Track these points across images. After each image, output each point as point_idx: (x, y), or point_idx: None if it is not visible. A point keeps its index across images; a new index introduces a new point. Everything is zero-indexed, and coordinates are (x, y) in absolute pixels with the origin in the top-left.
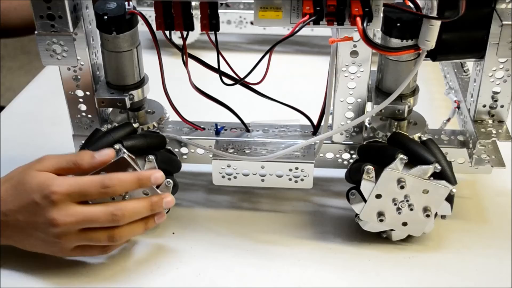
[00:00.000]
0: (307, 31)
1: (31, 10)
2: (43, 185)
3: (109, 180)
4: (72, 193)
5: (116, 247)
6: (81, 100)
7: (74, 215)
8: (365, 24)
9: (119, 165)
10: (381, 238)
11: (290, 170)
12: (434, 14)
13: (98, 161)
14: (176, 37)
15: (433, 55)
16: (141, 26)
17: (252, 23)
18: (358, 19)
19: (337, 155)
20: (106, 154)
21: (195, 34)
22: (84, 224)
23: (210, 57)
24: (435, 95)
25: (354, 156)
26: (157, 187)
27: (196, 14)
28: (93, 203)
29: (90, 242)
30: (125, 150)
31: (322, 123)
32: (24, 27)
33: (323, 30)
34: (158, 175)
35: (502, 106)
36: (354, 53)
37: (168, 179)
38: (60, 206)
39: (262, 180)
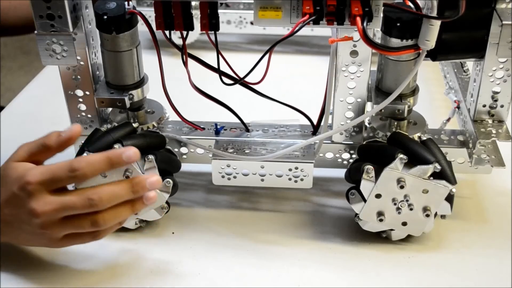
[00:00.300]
0: (307, 31)
1: (30, 9)
2: (19, 176)
3: (77, 163)
4: (44, 181)
5: (107, 232)
6: (80, 100)
7: (51, 204)
8: (365, 24)
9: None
10: (381, 237)
11: (290, 170)
12: (434, 14)
13: (64, 137)
14: (176, 37)
15: (433, 55)
16: (141, 26)
17: (252, 23)
18: (358, 19)
19: (337, 155)
20: (72, 129)
21: (195, 34)
22: (63, 211)
23: (210, 57)
24: (435, 95)
25: (354, 156)
26: None
27: (196, 14)
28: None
29: (75, 230)
30: None
31: (322, 123)
32: (24, 25)
33: (323, 30)
34: (130, 152)
35: (502, 106)
36: (354, 53)
37: (168, 179)
38: (36, 195)
39: (262, 180)
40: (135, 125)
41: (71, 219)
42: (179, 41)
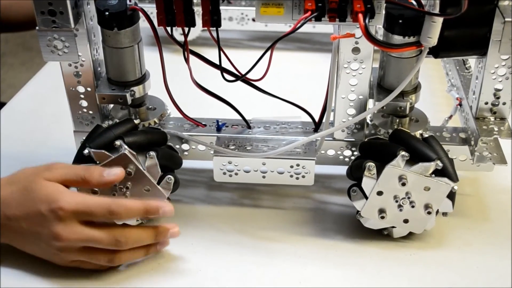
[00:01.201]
0: (308, 28)
1: (31, 5)
2: (51, 198)
3: (116, 207)
4: (78, 212)
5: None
6: (82, 96)
7: (79, 234)
8: (367, 21)
9: (120, 161)
10: (382, 235)
11: (291, 167)
12: (437, 10)
13: (106, 180)
14: (177, 33)
15: (435, 52)
16: (143, 23)
17: (253, 20)
18: (360, 16)
19: (339, 152)
20: (116, 174)
21: (197, 31)
22: (87, 243)
23: (211, 54)
24: (437, 92)
25: (355, 153)
26: (158, 183)
27: (198, 10)
28: (98, 224)
29: (89, 260)
30: (126, 147)
31: (324, 120)
32: (25, 22)
33: (325, 27)
34: (167, 209)
35: (504, 103)
36: (356, 50)
37: (169, 176)
38: (66, 222)
39: (263, 177)
40: (136, 121)
41: (90, 250)
42: (180, 38)
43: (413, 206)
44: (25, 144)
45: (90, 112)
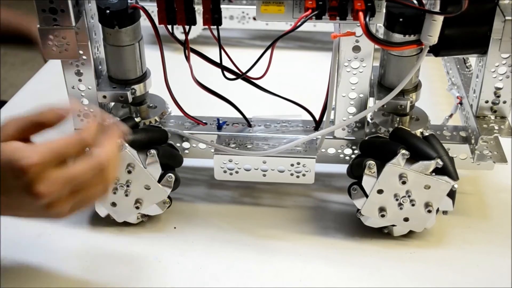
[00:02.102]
0: (309, 26)
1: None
2: (10, 161)
3: (87, 135)
4: (45, 161)
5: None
6: (83, 94)
7: (59, 181)
8: (367, 19)
9: (121, 160)
10: (383, 233)
11: (292, 165)
12: (437, 9)
13: (63, 114)
14: (178, 32)
15: (436, 50)
16: (144, 21)
17: (254, 18)
18: (361, 14)
19: (339, 150)
20: (71, 106)
21: (197, 30)
22: (72, 184)
23: (212, 52)
24: (437, 91)
25: (356, 151)
26: (159, 181)
27: (199, 9)
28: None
29: (85, 198)
30: (126, 145)
31: (324, 118)
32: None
33: (326, 26)
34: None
35: (504, 102)
36: (356, 48)
37: (170, 174)
38: (38, 177)
39: (264, 175)
40: (137, 119)
41: (80, 189)
42: (181, 36)
43: (413, 205)
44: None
45: (91, 110)
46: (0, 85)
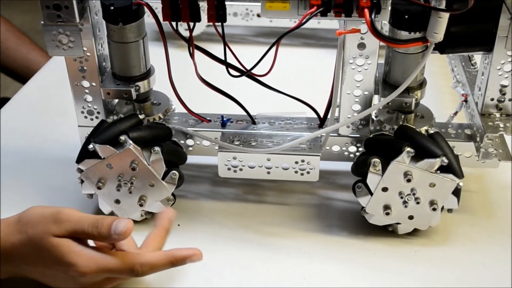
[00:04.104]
0: (314, 23)
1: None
2: (66, 261)
3: (140, 267)
4: (98, 273)
5: None
6: (87, 91)
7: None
8: (373, 16)
9: (125, 156)
10: (387, 231)
11: (296, 162)
12: (443, 6)
13: (115, 237)
14: (182, 28)
15: (441, 47)
16: (148, 18)
17: (258, 15)
18: (366, 11)
19: (344, 148)
20: (125, 227)
21: (201, 26)
22: (105, 275)
23: (216, 49)
24: (442, 88)
25: (360, 149)
26: (163, 178)
27: (203, 6)
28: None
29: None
30: (131, 142)
31: (329, 116)
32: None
33: (330, 23)
34: (194, 257)
35: (510, 100)
36: (361, 46)
37: (174, 171)
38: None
39: (268, 173)
40: (141, 116)
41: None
42: (185, 33)
43: (418, 203)
44: (30, 139)
45: (95, 107)
46: (1, 82)
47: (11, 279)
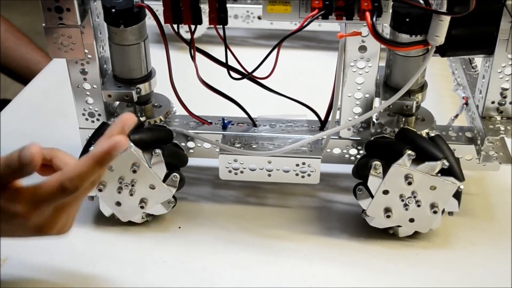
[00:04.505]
0: (314, 26)
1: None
2: (6, 216)
3: (69, 182)
4: (38, 208)
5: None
6: (88, 93)
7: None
8: (374, 19)
9: (126, 159)
10: (388, 234)
11: (297, 165)
12: (444, 9)
13: (26, 161)
14: (183, 31)
15: (442, 50)
16: (149, 20)
17: (259, 17)
18: (368, 14)
19: (344, 151)
20: (31, 153)
21: (202, 29)
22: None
23: (216, 51)
24: (442, 91)
25: (361, 151)
26: (163, 181)
27: (204, 8)
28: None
29: (73, 208)
30: (132, 144)
31: (330, 118)
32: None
33: (331, 25)
34: (118, 146)
35: (510, 103)
36: (362, 48)
37: (175, 173)
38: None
39: (269, 175)
40: (142, 119)
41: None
42: (186, 35)
43: (419, 205)
44: (31, 140)
45: (96, 109)
46: (1, 83)
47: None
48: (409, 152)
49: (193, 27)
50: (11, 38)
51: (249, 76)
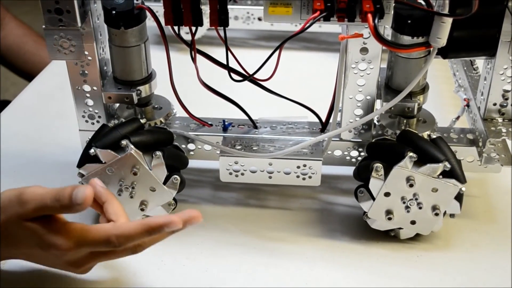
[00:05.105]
0: (315, 27)
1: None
2: (45, 245)
3: (116, 238)
4: (78, 249)
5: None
6: (88, 95)
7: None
8: (376, 21)
9: (126, 161)
10: (389, 236)
11: (298, 167)
12: (446, 11)
13: (77, 206)
14: (183, 32)
15: (444, 52)
16: (149, 21)
17: (259, 19)
18: (369, 16)
19: (346, 153)
20: (83, 196)
21: (202, 30)
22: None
23: (217, 53)
24: (444, 93)
25: (362, 153)
26: (164, 183)
27: (204, 9)
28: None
29: (106, 259)
30: (132, 146)
31: (331, 120)
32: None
33: (331, 27)
34: (171, 225)
35: None
36: (364, 50)
37: (175, 176)
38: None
39: (270, 177)
40: (142, 121)
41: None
42: (186, 36)
43: (420, 208)
44: (31, 142)
45: (96, 111)
46: (1, 84)
47: (11, 279)
48: (411, 154)
49: (193, 28)
50: (30, 42)
51: (250, 78)
